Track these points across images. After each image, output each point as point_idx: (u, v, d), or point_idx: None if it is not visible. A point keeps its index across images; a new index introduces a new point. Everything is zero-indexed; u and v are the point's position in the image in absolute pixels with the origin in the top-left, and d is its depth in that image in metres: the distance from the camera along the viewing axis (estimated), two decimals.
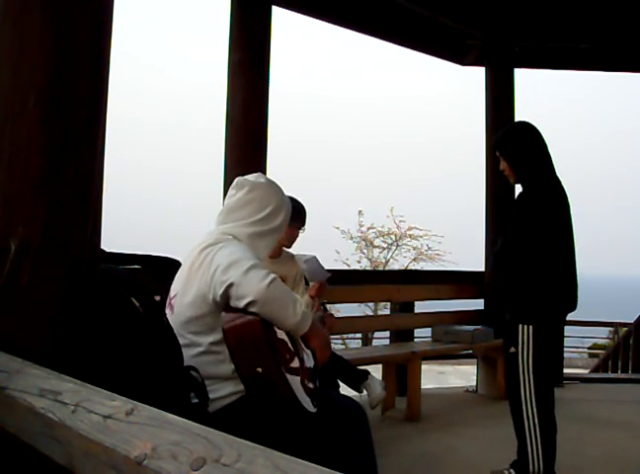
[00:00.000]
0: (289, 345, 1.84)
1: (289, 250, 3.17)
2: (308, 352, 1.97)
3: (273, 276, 1.79)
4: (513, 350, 2.63)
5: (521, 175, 2.68)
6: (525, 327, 2.60)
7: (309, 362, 1.93)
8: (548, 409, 2.63)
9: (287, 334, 1.85)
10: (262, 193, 2.05)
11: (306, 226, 3.12)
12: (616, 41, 5.41)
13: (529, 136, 2.70)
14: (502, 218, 4.27)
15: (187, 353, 1.78)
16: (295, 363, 1.82)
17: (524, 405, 2.60)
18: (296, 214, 3.05)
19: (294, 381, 1.78)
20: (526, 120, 2.79)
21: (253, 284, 1.75)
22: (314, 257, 2.85)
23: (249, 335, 1.72)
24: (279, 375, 1.73)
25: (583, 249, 2.80)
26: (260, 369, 1.71)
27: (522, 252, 2.62)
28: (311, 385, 1.87)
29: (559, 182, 2.70)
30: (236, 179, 2.12)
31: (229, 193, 2.10)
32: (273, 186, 2.10)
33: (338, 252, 16.78)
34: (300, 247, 3.21)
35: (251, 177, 2.11)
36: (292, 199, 3.05)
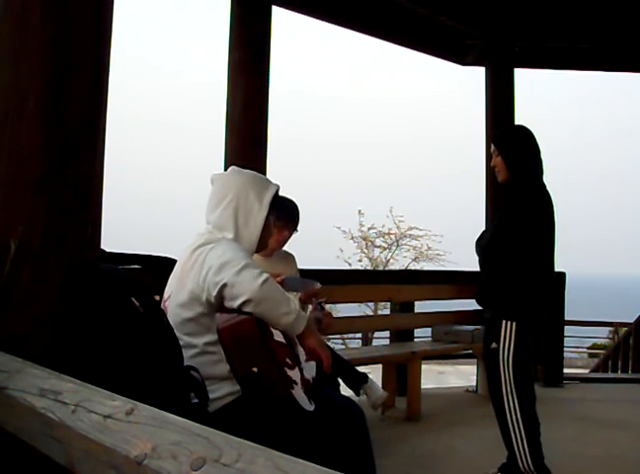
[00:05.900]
0: (289, 350, 1.83)
1: (286, 249, 3.13)
2: (312, 363, 1.97)
3: (266, 275, 1.79)
4: (494, 345, 2.67)
5: (514, 174, 2.74)
6: (509, 323, 2.64)
7: (309, 374, 1.93)
8: (530, 404, 2.67)
9: (286, 338, 1.84)
10: (222, 181, 2.06)
11: (299, 228, 3.07)
12: (616, 41, 5.41)
13: (529, 140, 2.80)
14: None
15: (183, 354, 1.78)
16: (293, 364, 1.82)
17: (506, 400, 2.64)
18: (289, 216, 3.01)
19: (293, 375, 1.78)
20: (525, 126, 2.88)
21: (247, 284, 1.75)
22: (288, 277, 2.55)
23: (244, 334, 1.72)
24: (274, 374, 1.73)
25: (583, 249, 2.81)
26: (255, 369, 1.71)
27: (509, 248, 2.66)
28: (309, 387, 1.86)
29: (545, 186, 2.78)
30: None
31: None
32: (234, 174, 2.07)
33: (342, 250, 16.82)
34: (302, 246, 3.19)
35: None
36: (286, 200, 3.00)
